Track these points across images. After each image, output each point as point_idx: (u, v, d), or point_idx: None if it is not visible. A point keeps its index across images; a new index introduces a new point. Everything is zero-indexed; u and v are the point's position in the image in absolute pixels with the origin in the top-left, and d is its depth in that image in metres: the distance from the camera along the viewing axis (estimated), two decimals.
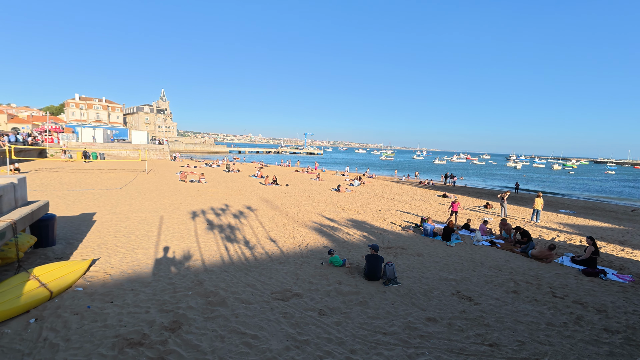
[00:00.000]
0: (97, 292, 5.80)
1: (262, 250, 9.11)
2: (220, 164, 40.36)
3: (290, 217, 13.44)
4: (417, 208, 17.97)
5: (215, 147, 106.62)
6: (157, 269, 7.17)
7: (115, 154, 41.79)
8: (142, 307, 5.34)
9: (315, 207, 16.22)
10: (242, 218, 12.76)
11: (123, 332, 4.58)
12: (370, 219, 14.17)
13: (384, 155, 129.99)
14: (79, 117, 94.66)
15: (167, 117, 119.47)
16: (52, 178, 20.64)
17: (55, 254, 7.55)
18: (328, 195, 20.42)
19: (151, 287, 6.16)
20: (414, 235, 11.92)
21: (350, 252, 9.39)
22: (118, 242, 8.81)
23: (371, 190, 24.89)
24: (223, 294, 6.02)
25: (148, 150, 43.89)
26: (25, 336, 4.36)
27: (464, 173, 59.04)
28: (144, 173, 26.39)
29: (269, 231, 11.12)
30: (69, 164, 30.80)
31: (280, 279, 7.11)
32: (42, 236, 7.78)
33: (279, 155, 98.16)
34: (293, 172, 37.54)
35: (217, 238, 9.91)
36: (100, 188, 17.88)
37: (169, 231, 10.25)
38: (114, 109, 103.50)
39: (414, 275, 7.89)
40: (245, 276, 7.11)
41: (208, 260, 7.97)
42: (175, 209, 13.56)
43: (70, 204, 13.27)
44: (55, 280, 5.60)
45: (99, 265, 7.07)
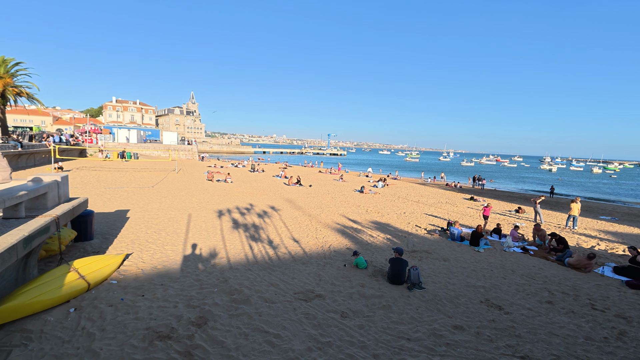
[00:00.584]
0: (130, 285, 6.09)
1: (286, 250, 9.20)
2: (246, 164, 41.25)
3: (313, 218, 13.49)
4: (443, 211, 17.46)
5: (240, 147, 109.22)
6: (185, 265, 7.43)
7: (148, 154, 43.84)
8: (170, 302, 5.55)
9: (338, 208, 16.17)
10: (266, 218, 12.95)
11: (153, 325, 4.78)
12: (395, 222, 13.93)
13: (409, 156, 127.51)
14: (115, 119, 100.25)
15: (195, 118, 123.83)
16: (90, 176, 21.97)
17: (92, 248, 8.03)
18: (351, 197, 20.30)
19: (179, 283, 6.38)
20: (439, 240, 11.58)
21: (373, 255, 9.27)
22: (149, 238, 9.21)
23: (395, 192, 24.48)
24: (247, 292, 6.13)
25: (178, 150, 45.70)
26: (65, 324, 4.66)
27: (494, 175, 56.68)
28: (173, 172, 27.49)
29: (292, 231, 11.21)
30: (106, 163, 32.68)
31: (303, 279, 7.14)
32: (82, 231, 8.29)
33: (302, 156, 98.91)
34: (316, 172, 37.68)
35: (242, 237, 10.12)
36: (134, 186, 18.81)
37: (197, 229, 10.59)
38: (147, 111, 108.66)
39: (439, 281, 7.66)
40: (268, 275, 7.21)
41: (233, 259, 8.15)
42: (203, 208, 14.00)
43: (107, 201, 14.05)
44: (92, 272, 5.94)
45: (131, 260, 7.43)
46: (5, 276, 4.87)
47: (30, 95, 36.58)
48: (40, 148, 29.29)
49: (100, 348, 4.17)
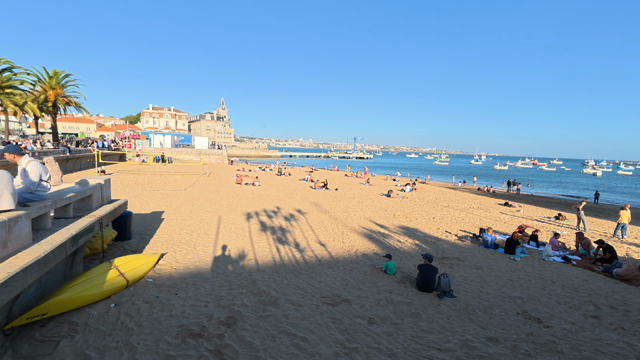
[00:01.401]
0: (164, 284, 6.38)
1: (312, 253, 9.23)
2: (273, 167, 42.01)
3: (339, 222, 13.45)
4: (475, 217, 16.76)
5: (268, 151, 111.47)
6: (215, 266, 7.67)
7: (181, 158, 45.88)
8: (202, 301, 5.74)
9: (364, 212, 16.01)
10: (293, 221, 13.08)
11: (185, 323, 4.96)
12: (423, 227, 13.56)
13: (438, 160, 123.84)
14: (152, 125, 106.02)
15: (225, 123, 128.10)
16: (129, 179, 23.33)
17: (131, 247, 8.50)
18: (378, 201, 20.03)
19: (210, 283, 6.59)
20: (471, 246, 11.12)
21: (401, 261, 9.07)
22: (182, 239, 9.61)
23: (424, 196, 23.85)
24: (274, 295, 6.21)
25: (208, 154, 47.44)
26: (106, 318, 4.95)
27: (531, 180, 53.65)
28: (204, 176, 28.55)
29: (319, 235, 11.24)
30: (143, 166, 34.57)
31: (330, 283, 7.12)
32: (121, 231, 8.81)
33: (328, 159, 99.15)
34: (342, 176, 37.59)
35: (269, 239, 10.28)
36: (168, 189, 19.74)
37: (226, 231, 10.91)
38: (180, 117, 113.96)
39: (472, 290, 7.34)
40: (295, 278, 7.26)
41: (261, 261, 8.30)
42: (232, 210, 14.40)
43: (144, 203, 14.84)
44: (131, 270, 6.28)
45: (166, 260, 7.78)
46: (56, 272, 5.27)
47: (78, 104, 39.54)
48: (86, 153, 31.57)
49: (138, 343, 4.39)
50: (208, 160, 45.03)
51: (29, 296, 4.55)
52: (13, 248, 4.13)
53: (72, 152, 29.44)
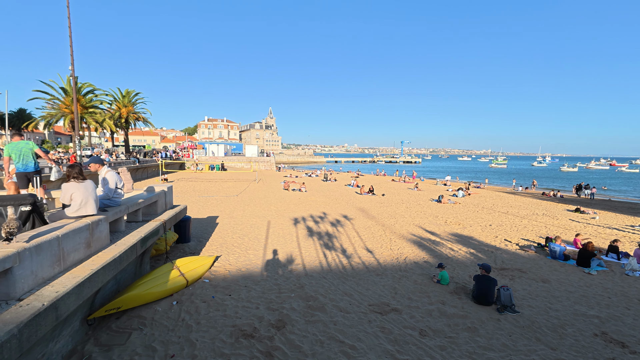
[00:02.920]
0: (219, 285, 6.76)
1: (359, 260, 9.12)
2: (319, 173, 42.53)
3: (387, 228, 13.12)
4: (539, 224, 15.22)
5: (314, 157, 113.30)
6: (265, 269, 7.94)
7: (233, 166, 48.61)
8: (253, 303, 5.97)
9: (413, 218, 15.44)
10: (339, 226, 13.07)
11: (238, 323, 5.19)
12: (479, 235, 12.66)
13: (494, 162, 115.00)
14: (207, 136, 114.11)
15: (273, 132, 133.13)
16: (188, 186, 25.29)
17: (189, 249, 9.17)
18: (428, 207, 19.19)
19: (260, 286, 6.84)
20: (536, 257, 10.09)
21: (454, 270, 8.55)
22: (235, 243, 10.12)
23: (479, 202, 22.29)
24: (322, 300, 6.23)
25: (258, 162, 49.63)
26: (169, 315, 5.38)
27: (607, 182, 47.34)
28: (254, 182, 29.88)
29: (366, 241, 11.08)
30: (200, 174, 37.28)
31: (378, 291, 6.96)
32: (182, 234, 9.56)
33: (374, 164, 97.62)
34: (389, 181, 36.73)
35: (316, 244, 10.39)
36: (222, 195, 21.00)
37: (275, 235, 11.26)
38: (232, 127, 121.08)
39: (537, 305, 6.64)
40: (342, 284, 7.23)
41: (308, 265, 8.41)
42: (280, 215, 14.84)
43: (200, 208, 15.96)
44: (190, 271, 6.77)
45: (220, 262, 8.25)
46: (128, 270, 5.88)
47: (145, 119, 44.05)
48: (151, 163, 34.99)
49: (196, 339, 4.70)
50: (257, 167, 47.09)
51: (106, 291, 5.13)
52: (95, 248, 4.70)
53: (141, 162, 32.86)
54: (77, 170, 4.82)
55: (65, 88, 34.39)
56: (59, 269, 3.91)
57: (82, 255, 4.40)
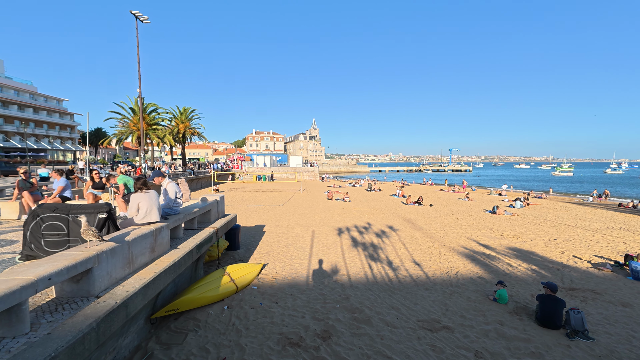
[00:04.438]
0: (266, 292, 6.96)
1: (406, 272, 8.79)
2: (362, 183, 42.15)
3: (435, 240, 12.51)
4: (616, 240, 13.39)
5: (357, 167, 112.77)
6: (310, 278, 8.00)
7: (278, 176, 50.19)
8: (299, 312, 6.04)
9: (465, 230, 14.53)
10: (384, 237, 12.76)
11: (285, 331, 5.28)
12: (542, 250, 11.50)
13: (558, 169, 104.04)
14: (255, 148, 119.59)
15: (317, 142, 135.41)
16: (237, 196, 26.61)
17: (239, 256, 9.59)
18: (481, 218, 17.95)
19: (306, 295, 6.90)
20: (612, 277, 8.88)
21: (514, 288, 7.85)
22: (280, 251, 10.38)
23: (540, 213, 20.32)
24: (368, 313, 6.10)
25: (302, 172, 50.67)
26: (221, 319, 5.65)
27: None
28: (299, 192, 30.50)
29: (413, 253, 10.66)
30: (248, 184, 39.06)
31: (427, 306, 6.63)
32: (232, 241, 10.05)
33: (420, 173, 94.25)
34: (437, 191, 35.14)
35: (361, 255, 10.24)
36: (268, 205, 21.73)
37: (319, 245, 11.33)
38: (277, 139, 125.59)
39: (617, 332, 5.81)
40: (389, 297, 7.01)
41: (353, 277, 8.30)
42: (324, 225, 14.93)
43: (249, 217, 16.66)
44: (240, 277, 7.07)
45: (267, 270, 8.50)
46: (185, 274, 6.32)
47: (200, 134, 47.52)
48: (205, 174, 37.50)
49: (246, 344, 4.86)
50: (302, 177, 48.08)
51: (166, 293, 5.56)
52: (158, 252, 5.14)
53: (195, 173, 35.40)
54: (143, 182, 5.36)
55: (133, 108, 38.59)
56: (129, 271, 4.34)
57: (147, 259, 4.84)
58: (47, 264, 3.19)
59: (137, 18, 23.83)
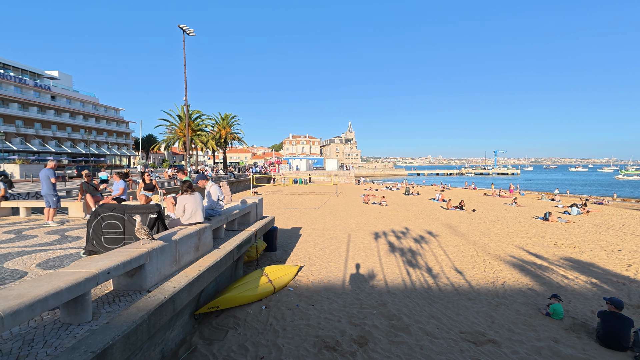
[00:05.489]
0: (303, 294, 7.02)
1: (447, 280, 8.40)
2: (400, 187, 41.13)
3: (479, 248, 11.83)
4: None
5: (394, 170, 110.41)
6: (346, 282, 7.95)
7: (314, 179, 50.66)
8: (335, 316, 6.01)
9: (512, 238, 13.57)
10: (423, 243, 12.32)
11: (321, 334, 5.28)
12: (603, 262, 10.38)
13: (623, 172, 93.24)
14: (291, 151, 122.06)
15: (352, 145, 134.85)
16: (274, 199, 27.27)
17: (276, 258, 9.79)
18: (530, 225, 16.66)
19: (342, 299, 6.86)
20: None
21: (570, 303, 7.16)
22: (316, 254, 10.43)
23: (601, 221, 18.38)
24: (406, 320, 5.91)
25: (338, 175, 50.67)
26: (259, 318, 5.80)
27: None
28: (334, 195, 30.52)
29: (454, 261, 10.17)
30: (285, 187, 39.89)
31: (470, 317, 6.27)
32: (269, 243, 10.30)
33: (462, 177, 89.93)
34: (480, 195, 33.26)
35: (399, 261, 9.97)
36: (304, 208, 22.00)
37: (355, 249, 11.23)
38: (313, 142, 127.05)
39: None
40: (428, 306, 6.74)
41: (390, 282, 8.11)
42: (360, 229, 14.77)
43: (285, 219, 16.99)
44: (277, 279, 7.22)
45: (303, 272, 8.59)
46: (225, 273, 6.59)
47: (240, 139, 49.52)
48: (244, 177, 38.95)
49: (283, 345, 4.94)
50: (337, 180, 48.08)
51: (209, 291, 5.83)
52: (201, 252, 5.42)
53: (236, 176, 36.90)
54: (188, 185, 5.69)
55: (180, 115, 41.25)
56: (175, 268, 4.62)
57: (192, 257, 5.12)
58: (106, 259, 3.50)
59: (184, 32, 25.53)
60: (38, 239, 6.63)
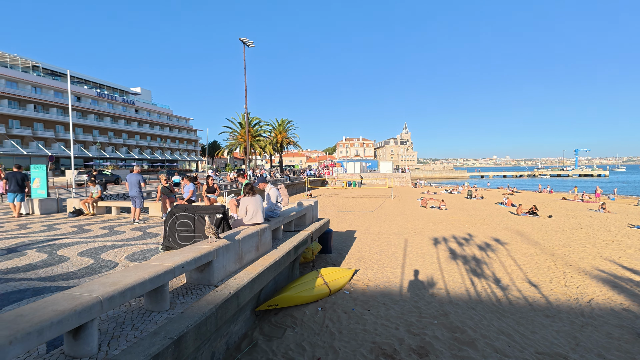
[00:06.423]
0: (358, 298, 6.94)
1: (519, 294, 7.60)
2: (461, 190, 38.56)
3: (558, 259, 10.49)
4: None
5: (454, 172, 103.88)
6: (404, 289, 7.66)
7: (368, 182, 50.03)
8: (392, 323, 5.82)
9: (600, 249, 11.78)
10: (489, 251, 11.34)
11: (378, 341, 5.15)
12: None
13: None
14: (345, 154, 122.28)
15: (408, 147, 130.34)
16: (328, 201, 27.53)
17: (331, 260, 9.85)
18: (625, 235, 14.29)
19: (399, 306, 6.62)
20: None
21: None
22: (372, 258, 10.24)
23: None
24: (472, 334, 5.47)
25: (393, 178, 49.35)
26: (315, 319, 5.87)
27: None
28: (390, 198, 29.74)
29: (527, 272, 9.16)
30: (338, 190, 40.07)
31: (549, 337, 5.58)
32: (324, 245, 10.40)
33: (534, 179, 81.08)
34: (558, 199, 29.60)
35: (461, 269, 9.31)
36: (358, 211, 21.81)
37: (413, 255, 10.77)
38: (367, 145, 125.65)
39: None
40: (497, 320, 6.16)
41: (452, 292, 7.61)
42: (418, 234, 14.15)
43: (340, 222, 17.02)
44: (332, 281, 7.25)
45: (359, 276, 8.49)
46: (283, 273, 6.82)
47: (295, 143, 51.12)
48: (299, 180, 40.06)
49: (339, 348, 4.93)
50: (392, 183, 46.82)
51: (268, 289, 6.08)
52: (261, 251, 5.68)
53: (291, 179, 38.14)
54: (250, 187, 6.03)
55: (241, 122, 44.08)
56: (238, 266, 4.91)
57: (253, 256, 5.40)
58: (181, 254, 3.87)
59: (244, 44, 27.29)
60: (126, 235, 7.60)
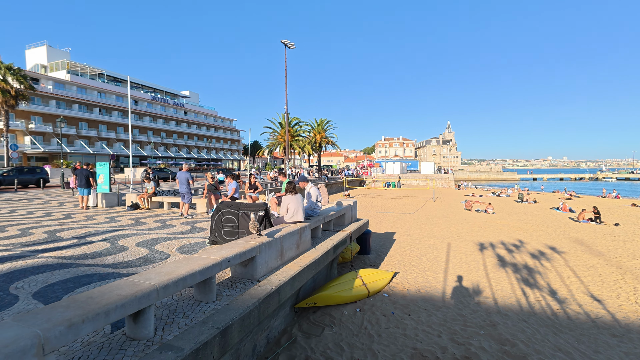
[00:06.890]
0: (398, 302, 6.77)
1: (579, 308, 6.90)
2: (510, 193, 35.97)
3: (627, 272, 9.37)
4: None
5: (502, 174, 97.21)
6: (447, 295, 7.32)
7: (408, 183, 48.62)
8: (434, 330, 5.60)
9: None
10: (544, 260, 10.44)
11: (419, 347, 4.98)
12: None
13: None
14: (384, 154, 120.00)
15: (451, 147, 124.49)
16: (367, 202, 27.19)
17: (369, 261, 9.71)
18: None
19: (442, 313, 6.34)
20: None
21: None
22: (412, 262, 9.93)
23: None
24: (523, 349, 5.08)
25: (435, 179, 47.45)
26: (354, 320, 5.83)
27: None
28: (431, 200, 28.63)
29: (589, 285, 8.30)
30: (377, 190, 39.44)
31: (615, 358, 5.00)
32: (363, 246, 10.28)
33: (597, 182, 73.24)
34: (627, 206, 26.39)
35: (511, 278, 8.69)
36: (398, 212, 21.28)
37: (456, 260, 10.26)
38: (407, 144, 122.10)
39: None
40: (553, 335, 5.65)
41: (500, 301, 7.12)
42: (462, 238, 13.45)
43: (378, 223, 16.73)
44: (371, 282, 7.14)
45: (398, 279, 8.28)
46: (322, 272, 6.85)
47: (334, 143, 51.23)
48: (337, 180, 40.07)
49: (378, 351, 4.84)
50: (434, 184, 45.01)
51: (307, 287, 6.15)
52: (301, 249, 5.77)
53: (329, 179, 38.28)
54: (292, 186, 6.14)
55: (281, 123, 45.16)
56: (280, 262, 5.03)
57: (293, 253, 5.49)
58: (227, 249, 4.05)
59: (285, 46, 27.89)
60: (176, 228, 8.14)
